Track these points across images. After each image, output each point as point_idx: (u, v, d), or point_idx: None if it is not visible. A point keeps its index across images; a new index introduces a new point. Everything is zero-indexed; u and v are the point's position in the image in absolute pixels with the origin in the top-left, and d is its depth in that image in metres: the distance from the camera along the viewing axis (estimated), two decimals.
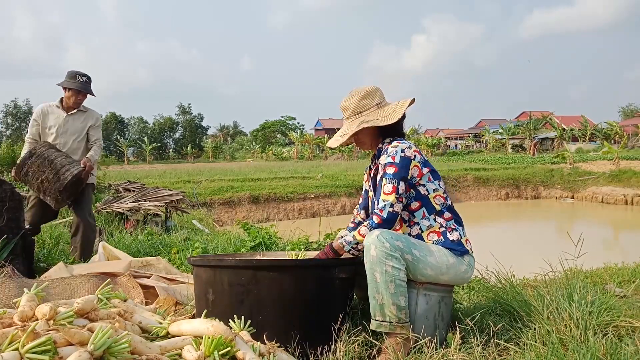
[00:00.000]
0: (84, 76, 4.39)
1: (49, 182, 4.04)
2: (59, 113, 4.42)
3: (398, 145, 2.29)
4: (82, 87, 4.35)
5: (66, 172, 4.05)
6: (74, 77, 4.36)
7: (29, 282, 2.70)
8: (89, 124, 4.49)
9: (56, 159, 4.10)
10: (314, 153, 49.00)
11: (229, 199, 15.65)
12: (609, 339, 1.96)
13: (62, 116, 4.41)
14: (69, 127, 4.41)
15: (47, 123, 4.41)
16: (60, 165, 4.08)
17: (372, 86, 2.44)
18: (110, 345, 1.54)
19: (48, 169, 4.07)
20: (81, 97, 4.40)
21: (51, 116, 4.42)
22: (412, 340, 2.12)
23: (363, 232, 2.23)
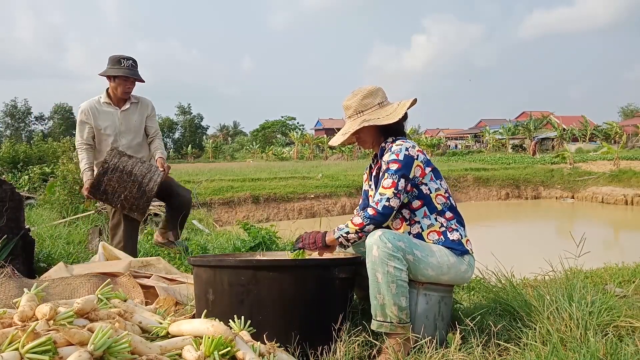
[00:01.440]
0: (129, 59, 3.75)
1: (134, 198, 3.61)
2: (111, 111, 3.80)
3: (402, 144, 2.30)
4: (130, 73, 3.72)
5: (149, 182, 3.62)
6: (117, 63, 3.72)
7: (29, 282, 2.70)
8: (145, 115, 3.91)
9: (134, 168, 3.62)
10: (314, 153, 49.00)
11: (229, 199, 15.65)
12: (609, 339, 1.96)
13: (116, 113, 3.80)
14: (127, 124, 3.83)
15: (100, 123, 3.79)
16: (141, 175, 3.62)
17: (375, 86, 2.45)
18: (110, 345, 1.55)
19: (129, 183, 3.61)
20: (129, 84, 3.77)
21: (103, 115, 3.79)
22: (412, 340, 2.12)
23: (356, 221, 2.23)
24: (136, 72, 3.77)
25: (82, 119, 3.81)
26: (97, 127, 3.79)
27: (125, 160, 3.62)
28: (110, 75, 3.74)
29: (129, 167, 3.60)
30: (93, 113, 3.78)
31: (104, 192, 3.61)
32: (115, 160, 3.60)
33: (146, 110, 3.92)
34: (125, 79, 3.72)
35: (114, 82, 3.75)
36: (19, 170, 12.83)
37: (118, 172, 3.58)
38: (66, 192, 8.26)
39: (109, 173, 3.58)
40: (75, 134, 4.02)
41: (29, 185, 11.41)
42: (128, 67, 3.72)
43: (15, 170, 12.90)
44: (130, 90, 3.79)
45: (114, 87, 3.76)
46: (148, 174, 3.62)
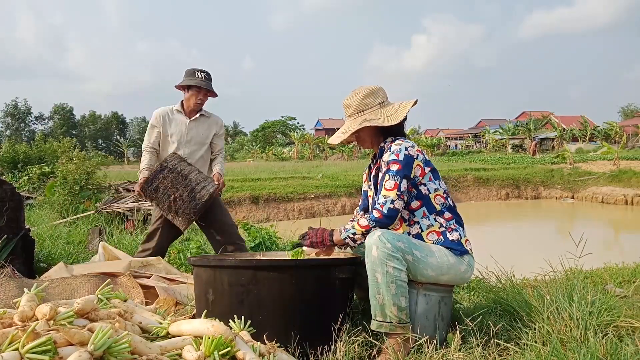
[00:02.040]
0: (203, 72, 3.83)
1: (183, 201, 3.56)
2: (181, 119, 3.86)
3: (402, 144, 2.30)
4: (203, 84, 3.78)
5: (202, 189, 3.59)
6: (192, 75, 3.81)
7: (29, 282, 2.70)
8: (213, 131, 3.95)
9: (190, 174, 3.62)
10: (314, 153, 49.00)
11: (229, 199, 15.64)
12: (609, 339, 1.96)
13: (185, 122, 3.85)
14: (193, 135, 3.86)
15: (168, 130, 3.85)
16: (196, 182, 3.61)
17: (376, 85, 2.45)
18: (110, 345, 1.55)
19: (182, 186, 3.58)
20: (202, 96, 3.83)
21: (172, 122, 3.86)
22: (412, 340, 2.12)
23: (362, 223, 2.24)
24: (210, 85, 3.84)
25: (152, 123, 3.88)
26: (165, 133, 3.86)
27: (184, 165, 3.66)
28: (184, 86, 3.83)
29: (185, 171, 3.62)
30: (164, 118, 3.85)
31: (155, 189, 3.61)
32: (175, 163, 3.63)
33: (215, 128, 3.98)
34: (198, 90, 3.80)
35: (187, 93, 3.84)
36: (19, 171, 12.83)
37: (174, 173, 3.60)
38: (66, 192, 8.26)
39: (165, 172, 3.59)
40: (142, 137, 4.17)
41: (29, 186, 11.41)
42: (202, 78, 3.80)
43: (15, 171, 12.90)
44: (202, 102, 3.86)
45: (188, 98, 3.84)
46: (202, 182, 3.62)
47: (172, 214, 3.61)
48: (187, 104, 3.86)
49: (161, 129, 3.85)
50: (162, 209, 3.66)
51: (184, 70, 3.86)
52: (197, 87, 3.78)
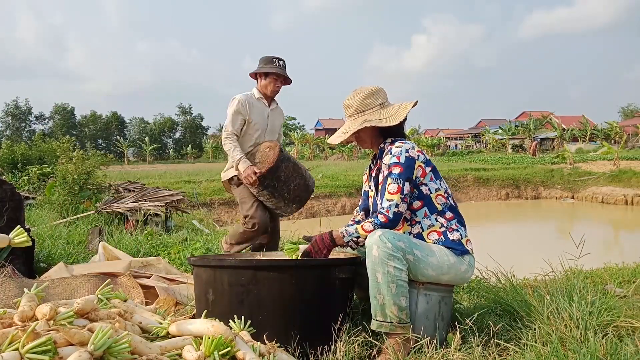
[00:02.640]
0: (280, 60, 3.77)
1: (300, 189, 3.57)
2: (261, 107, 3.81)
3: (402, 146, 2.30)
4: (282, 71, 3.72)
5: (309, 178, 3.66)
6: (270, 62, 3.73)
7: (29, 282, 2.70)
8: (282, 122, 4.02)
9: (297, 162, 3.66)
10: (314, 153, 49.01)
11: (229, 199, 15.63)
12: (609, 339, 1.96)
13: (266, 111, 3.82)
14: (272, 124, 3.86)
15: (253, 117, 3.76)
16: (303, 170, 3.64)
17: (376, 86, 2.45)
18: (110, 345, 1.55)
19: (298, 175, 3.59)
20: (279, 83, 3.78)
21: (255, 109, 3.77)
22: (412, 340, 2.12)
23: (367, 228, 2.24)
24: (285, 72, 3.77)
25: (237, 109, 3.73)
26: (250, 120, 3.75)
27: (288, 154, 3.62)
28: (261, 73, 3.75)
29: (294, 160, 3.64)
30: (249, 105, 3.75)
31: (277, 178, 3.48)
32: (285, 152, 3.60)
33: (282, 117, 4.02)
34: (275, 77, 3.74)
35: (264, 80, 3.76)
36: (18, 171, 12.83)
37: (291, 162, 3.58)
38: (66, 192, 8.25)
39: (285, 162, 3.52)
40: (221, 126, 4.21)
41: (29, 186, 11.41)
42: (280, 66, 3.74)
43: (15, 171, 12.90)
44: (278, 89, 3.81)
45: (264, 85, 3.76)
46: (306, 170, 3.66)
47: (286, 201, 3.55)
48: (264, 92, 3.78)
49: (246, 116, 3.73)
50: (277, 196, 3.53)
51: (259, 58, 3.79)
52: (276, 75, 3.72)
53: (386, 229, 2.18)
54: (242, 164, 3.57)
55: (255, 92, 3.81)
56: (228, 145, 3.70)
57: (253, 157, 3.66)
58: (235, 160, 3.61)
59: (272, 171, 3.45)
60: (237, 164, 3.59)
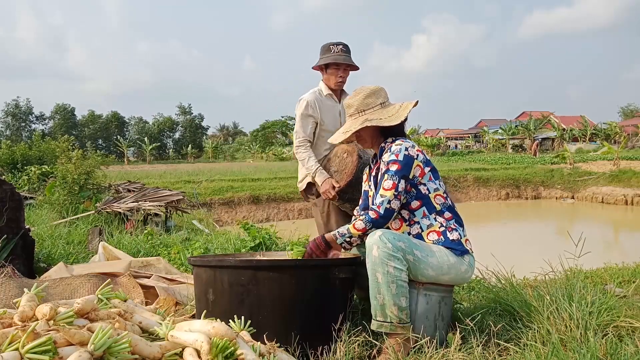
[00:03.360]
0: (339, 44, 3.32)
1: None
2: (331, 104, 3.40)
3: (402, 144, 2.30)
4: (340, 59, 3.27)
5: None
6: (327, 50, 3.32)
7: (29, 282, 2.70)
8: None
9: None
10: None
11: (229, 199, 15.64)
12: (609, 339, 1.96)
13: (337, 108, 3.40)
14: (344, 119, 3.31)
15: (324, 118, 3.37)
16: None
17: (377, 86, 2.46)
18: (110, 345, 1.55)
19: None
20: (342, 72, 3.34)
21: (325, 108, 3.39)
22: (412, 340, 2.12)
23: (358, 226, 2.25)
24: (349, 58, 3.33)
25: (307, 112, 3.35)
26: (321, 122, 3.37)
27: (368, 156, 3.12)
28: (322, 66, 3.37)
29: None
30: (319, 104, 3.37)
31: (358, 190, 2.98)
32: (364, 155, 3.09)
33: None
34: (336, 67, 3.32)
35: (326, 73, 3.38)
36: (18, 171, 12.83)
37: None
38: (66, 192, 8.26)
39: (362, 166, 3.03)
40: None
41: (29, 186, 11.42)
42: (339, 52, 3.30)
43: (15, 171, 12.90)
44: (343, 79, 3.36)
45: (327, 78, 3.38)
46: None
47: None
48: (328, 85, 3.38)
49: (317, 118, 3.35)
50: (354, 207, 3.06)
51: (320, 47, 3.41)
52: (335, 64, 3.31)
53: (386, 230, 2.18)
54: (318, 177, 3.22)
55: (323, 88, 3.42)
56: (301, 155, 3.33)
57: (329, 163, 3.27)
58: (312, 172, 3.27)
59: (351, 184, 3.05)
60: (314, 176, 3.26)
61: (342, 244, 2.30)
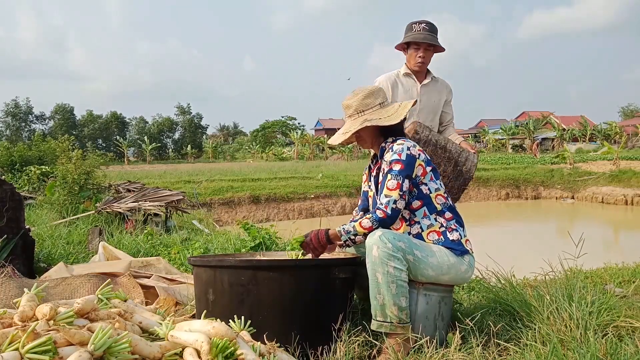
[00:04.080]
0: (422, 23, 3.15)
1: (449, 178, 2.95)
2: (410, 84, 3.27)
3: (404, 143, 2.30)
4: (421, 38, 3.12)
5: (466, 161, 2.96)
6: (410, 29, 3.19)
7: (29, 282, 2.70)
8: (443, 98, 3.35)
9: (447, 144, 2.99)
10: (314, 153, 49.00)
11: (229, 199, 15.65)
12: (609, 339, 1.96)
13: (416, 87, 3.26)
14: (425, 102, 3.27)
15: (396, 98, 3.24)
16: (456, 152, 2.98)
17: (376, 86, 2.46)
18: (110, 345, 1.55)
19: (445, 160, 2.96)
20: (422, 52, 3.16)
21: (399, 88, 3.27)
22: (412, 340, 2.12)
23: (364, 224, 2.23)
24: (432, 37, 3.14)
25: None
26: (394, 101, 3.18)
27: (436, 135, 3.02)
28: (403, 45, 3.25)
29: (441, 141, 2.98)
30: (392, 85, 3.27)
31: None
32: (427, 133, 2.97)
33: (445, 93, 3.35)
34: (416, 46, 3.16)
35: (407, 53, 3.26)
36: (18, 171, 12.83)
37: (431, 145, 2.95)
38: (66, 192, 8.26)
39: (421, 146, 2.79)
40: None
41: (29, 186, 11.42)
42: (420, 31, 3.14)
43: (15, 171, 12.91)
44: (424, 59, 3.18)
45: (407, 58, 3.26)
46: (463, 153, 2.98)
47: None
48: (409, 65, 3.26)
49: (389, 98, 3.18)
50: None
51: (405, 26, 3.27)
52: (415, 43, 3.16)
53: (386, 230, 2.18)
54: None
55: (403, 68, 3.31)
56: None
57: None
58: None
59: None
60: None
61: (346, 241, 2.29)
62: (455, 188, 2.96)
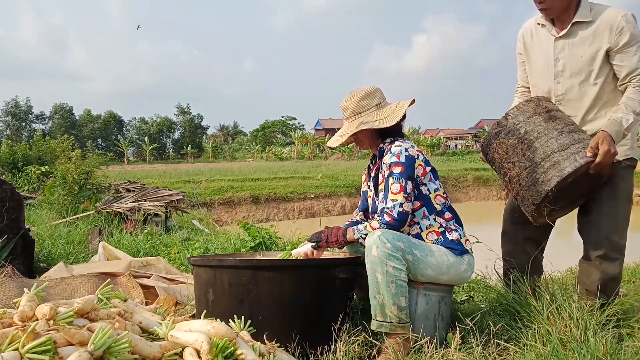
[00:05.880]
0: None
1: (520, 185, 2.30)
2: (544, 37, 2.47)
3: (401, 145, 2.30)
4: None
5: (551, 168, 2.20)
6: None
7: (29, 282, 2.70)
8: (604, 45, 2.29)
9: (538, 139, 2.26)
10: (314, 153, 49.02)
11: (229, 199, 15.65)
12: (609, 339, 1.96)
13: (550, 42, 2.44)
14: (566, 60, 2.39)
15: (531, 56, 2.56)
16: (544, 153, 2.23)
17: (372, 87, 2.45)
18: (110, 345, 1.55)
19: (522, 159, 2.29)
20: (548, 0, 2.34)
21: (536, 43, 2.52)
22: (412, 340, 2.12)
23: (374, 226, 2.24)
24: None
25: (518, 51, 2.65)
26: (528, 62, 2.59)
27: (537, 120, 2.30)
28: None
29: (533, 134, 2.28)
30: (525, 40, 2.58)
31: (491, 160, 2.47)
32: (521, 119, 2.33)
33: (607, 35, 2.28)
34: None
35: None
36: (18, 170, 12.83)
37: (514, 138, 2.33)
38: (66, 192, 8.26)
39: (502, 136, 2.36)
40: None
41: (29, 186, 11.42)
42: None
43: (15, 171, 12.91)
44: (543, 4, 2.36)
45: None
46: (557, 155, 2.21)
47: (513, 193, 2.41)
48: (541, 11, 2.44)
49: (524, 56, 2.59)
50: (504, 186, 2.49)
51: None
52: None
53: (386, 230, 2.18)
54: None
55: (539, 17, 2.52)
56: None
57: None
58: None
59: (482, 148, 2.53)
60: None
61: (359, 239, 2.29)
62: (526, 198, 2.29)
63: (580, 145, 2.20)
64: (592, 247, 2.39)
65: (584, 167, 2.16)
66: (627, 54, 2.25)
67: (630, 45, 2.24)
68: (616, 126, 2.17)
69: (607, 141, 2.12)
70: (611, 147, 2.12)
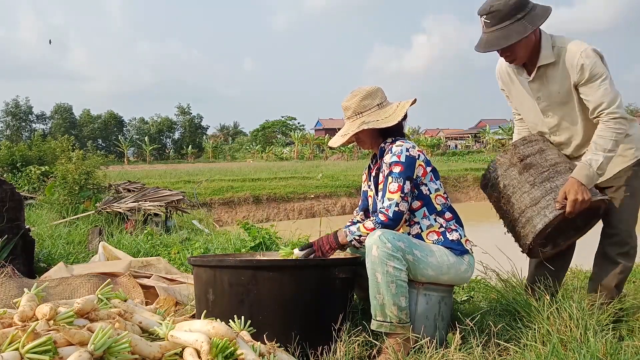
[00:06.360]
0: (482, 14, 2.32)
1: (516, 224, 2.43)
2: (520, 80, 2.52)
3: (402, 145, 2.30)
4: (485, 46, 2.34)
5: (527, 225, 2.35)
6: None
7: (29, 282, 2.70)
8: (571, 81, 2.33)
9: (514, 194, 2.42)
10: (314, 153, 49.04)
11: (229, 199, 15.66)
12: (609, 339, 1.96)
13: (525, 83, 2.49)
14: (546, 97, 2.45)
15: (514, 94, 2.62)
16: (519, 210, 2.38)
17: (374, 86, 2.45)
18: (110, 345, 1.55)
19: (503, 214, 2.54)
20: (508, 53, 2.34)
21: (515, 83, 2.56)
22: (412, 340, 2.12)
23: (368, 226, 2.24)
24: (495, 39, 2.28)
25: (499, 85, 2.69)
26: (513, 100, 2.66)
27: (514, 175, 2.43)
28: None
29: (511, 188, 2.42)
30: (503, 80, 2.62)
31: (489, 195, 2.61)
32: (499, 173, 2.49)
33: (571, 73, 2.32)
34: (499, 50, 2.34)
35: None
36: (18, 170, 12.84)
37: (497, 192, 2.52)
38: (66, 192, 8.26)
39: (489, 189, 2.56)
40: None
41: (29, 186, 11.43)
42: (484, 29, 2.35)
43: (15, 171, 12.91)
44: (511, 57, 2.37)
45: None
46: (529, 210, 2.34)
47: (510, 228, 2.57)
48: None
49: (508, 93, 2.66)
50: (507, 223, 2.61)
51: None
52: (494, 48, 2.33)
53: (386, 230, 2.18)
54: None
55: None
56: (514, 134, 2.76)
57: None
58: None
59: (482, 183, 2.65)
60: None
61: (352, 241, 2.29)
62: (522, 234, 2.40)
63: (551, 196, 2.28)
64: (612, 244, 2.44)
65: (554, 221, 2.26)
66: (590, 88, 2.30)
67: (593, 81, 2.28)
68: (585, 170, 2.23)
69: (573, 190, 2.20)
70: (579, 196, 2.19)
